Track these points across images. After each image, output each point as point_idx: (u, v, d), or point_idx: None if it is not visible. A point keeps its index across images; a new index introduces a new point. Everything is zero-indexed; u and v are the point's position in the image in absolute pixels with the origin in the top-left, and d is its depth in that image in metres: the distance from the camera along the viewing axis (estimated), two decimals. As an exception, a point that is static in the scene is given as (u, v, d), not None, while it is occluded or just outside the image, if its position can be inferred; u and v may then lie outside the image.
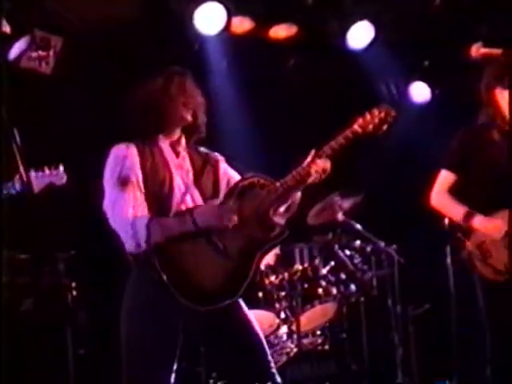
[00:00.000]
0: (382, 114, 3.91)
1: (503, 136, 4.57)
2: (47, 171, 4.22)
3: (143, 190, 3.74)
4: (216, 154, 4.07)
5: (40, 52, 6.28)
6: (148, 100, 3.84)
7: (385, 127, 3.93)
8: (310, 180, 3.80)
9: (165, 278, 3.60)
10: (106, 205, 3.74)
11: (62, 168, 4.23)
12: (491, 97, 4.62)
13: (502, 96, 4.58)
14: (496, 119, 4.62)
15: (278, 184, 3.79)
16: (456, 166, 4.67)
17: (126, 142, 3.83)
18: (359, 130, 3.85)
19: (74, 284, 5.83)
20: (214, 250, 3.70)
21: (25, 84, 6.11)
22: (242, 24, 6.58)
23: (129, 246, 3.68)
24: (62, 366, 5.61)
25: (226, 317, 3.73)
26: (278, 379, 3.75)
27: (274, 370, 3.77)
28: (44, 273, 5.66)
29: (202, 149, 4.04)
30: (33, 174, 4.15)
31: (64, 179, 4.24)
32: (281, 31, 6.74)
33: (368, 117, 3.90)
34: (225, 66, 6.94)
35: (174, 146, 3.91)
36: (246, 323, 3.82)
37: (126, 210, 3.67)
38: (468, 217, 4.56)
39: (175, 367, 3.75)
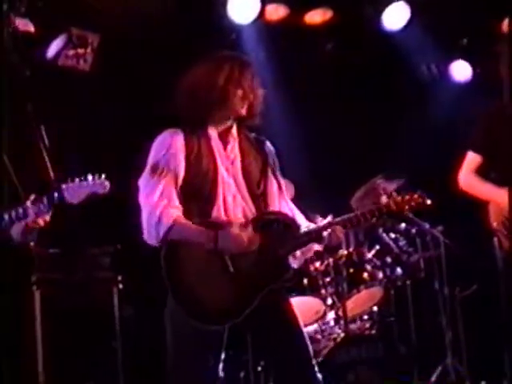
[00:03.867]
0: (420, 200, 3.88)
1: None
2: (90, 181, 4.21)
3: (180, 182, 3.72)
4: (264, 138, 4.01)
5: (78, 50, 6.34)
6: (200, 89, 3.75)
7: (415, 211, 3.97)
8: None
9: (169, 285, 3.62)
10: (141, 182, 3.74)
11: (104, 177, 4.21)
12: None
13: None
14: None
15: (301, 232, 3.78)
16: (481, 147, 4.68)
17: (175, 129, 3.79)
18: (394, 207, 3.85)
19: (119, 277, 5.91)
20: (222, 271, 3.64)
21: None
22: (277, 11, 6.57)
23: (147, 234, 3.67)
24: (110, 361, 5.72)
25: (271, 308, 3.70)
26: (318, 375, 3.73)
27: (313, 362, 3.74)
28: (78, 267, 5.74)
29: (253, 134, 3.97)
30: (76, 182, 4.16)
31: (107, 188, 4.23)
32: (316, 16, 6.71)
33: (407, 197, 3.87)
34: (262, 55, 6.92)
35: (223, 136, 3.85)
36: (290, 315, 3.78)
37: (157, 199, 3.65)
38: (492, 193, 4.59)
39: (223, 356, 3.76)
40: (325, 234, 3.78)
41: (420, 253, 6.36)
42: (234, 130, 3.89)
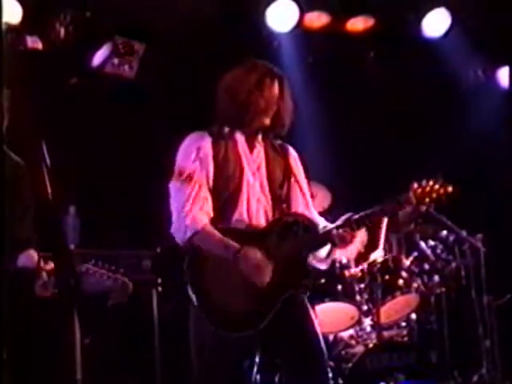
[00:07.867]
0: (442, 191, 3.75)
1: None
2: (112, 277, 4.13)
3: (211, 184, 3.78)
4: (287, 145, 4.07)
5: (123, 57, 6.51)
6: (236, 93, 3.83)
7: (438, 203, 3.79)
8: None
9: (190, 291, 3.70)
10: (171, 187, 3.80)
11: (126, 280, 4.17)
12: None
13: None
14: None
15: (320, 233, 3.80)
16: None
17: (202, 132, 3.87)
18: (413, 200, 3.74)
19: (159, 280, 6.04)
20: (241, 279, 3.69)
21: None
22: (319, 19, 6.59)
23: (176, 232, 3.75)
24: (149, 360, 5.84)
25: (287, 313, 3.73)
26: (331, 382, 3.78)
27: (327, 369, 3.80)
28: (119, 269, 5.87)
29: (278, 141, 4.04)
30: (98, 274, 4.04)
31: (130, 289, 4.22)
32: (358, 24, 6.71)
33: (427, 189, 3.74)
34: (307, 63, 6.95)
35: (249, 140, 3.92)
36: (306, 321, 3.82)
37: (190, 205, 3.72)
38: None
39: (257, 360, 3.84)
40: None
41: (458, 260, 6.31)
42: (260, 137, 3.96)
